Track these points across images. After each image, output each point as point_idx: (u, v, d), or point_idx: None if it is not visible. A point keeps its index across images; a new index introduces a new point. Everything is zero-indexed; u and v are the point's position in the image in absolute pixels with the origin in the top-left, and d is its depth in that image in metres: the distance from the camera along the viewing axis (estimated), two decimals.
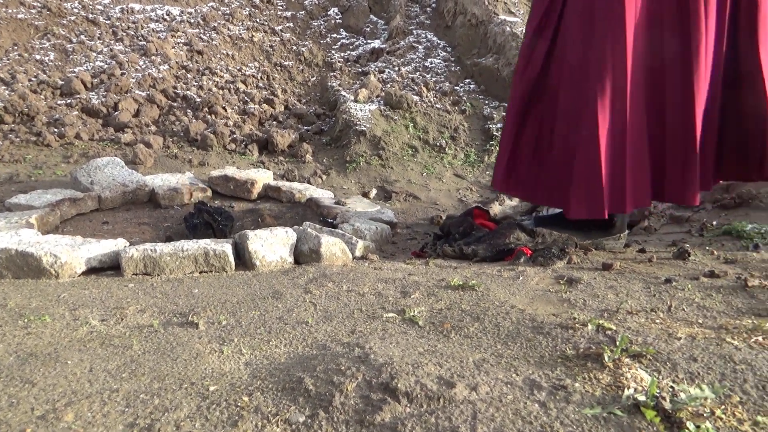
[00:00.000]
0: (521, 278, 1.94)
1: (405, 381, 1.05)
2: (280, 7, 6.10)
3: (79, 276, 2.04)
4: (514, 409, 0.98)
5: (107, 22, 5.34)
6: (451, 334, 1.40)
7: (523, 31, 2.42)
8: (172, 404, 1.03)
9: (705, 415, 0.97)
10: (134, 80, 4.55)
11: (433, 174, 3.92)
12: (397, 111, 4.38)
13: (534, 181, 2.42)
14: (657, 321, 1.47)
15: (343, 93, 4.66)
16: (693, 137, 2.21)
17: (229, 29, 5.56)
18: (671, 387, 1.06)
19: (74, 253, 2.04)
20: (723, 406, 1.01)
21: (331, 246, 2.23)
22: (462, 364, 1.16)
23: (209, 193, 3.29)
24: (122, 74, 4.61)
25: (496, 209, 3.03)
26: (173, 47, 5.13)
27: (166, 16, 5.59)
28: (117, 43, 5.09)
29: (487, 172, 4.00)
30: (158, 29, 5.39)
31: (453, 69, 5.15)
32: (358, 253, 2.36)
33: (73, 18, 5.23)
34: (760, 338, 1.31)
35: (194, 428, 0.95)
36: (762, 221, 2.82)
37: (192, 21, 5.59)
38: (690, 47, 2.16)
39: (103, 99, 4.30)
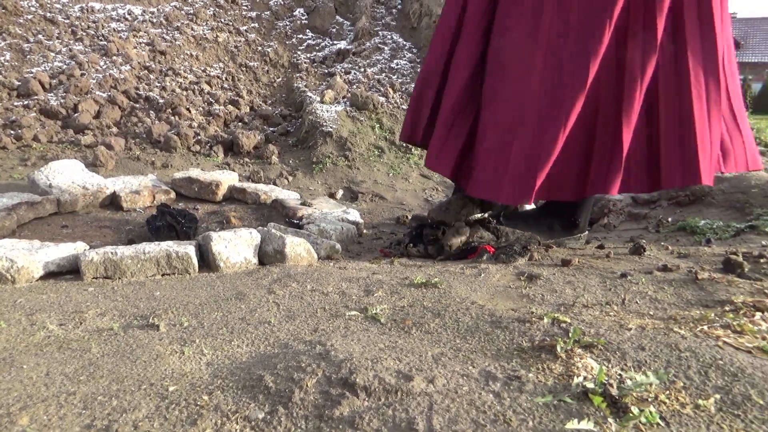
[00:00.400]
0: (483, 275, 1.98)
1: (364, 375, 1.07)
2: (245, 8, 6.06)
3: (37, 281, 2.00)
4: (469, 400, 1.01)
5: (66, 21, 5.22)
6: (412, 330, 1.42)
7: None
8: (131, 405, 1.03)
9: (649, 399, 1.02)
10: (95, 81, 4.47)
11: (400, 174, 3.95)
12: (364, 112, 4.40)
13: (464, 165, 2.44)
14: (611, 314, 1.52)
15: (309, 94, 4.66)
16: (620, 139, 2.22)
17: (192, 29, 5.50)
18: (619, 374, 1.11)
19: (31, 257, 2.00)
20: (667, 392, 1.05)
21: (296, 246, 2.23)
22: (421, 359, 1.19)
23: (173, 195, 3.26)
24: (82, 75, 4.52)
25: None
26: (135, 47, 5.05)
27: (127, 16, 5.50)
28: (76, 43, 4.98)
29: None
30: (119, 29, 5.30)
31: (419, 70, 5.20)
32: (323, 254, 2.37)
33: (30, 17, 5.10)
34: (705, 327, 1.37)
35: (153, 428, 0.95)
36: (714, 217, 2.93)
37: (154, 21, 5.51)
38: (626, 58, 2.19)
39: (62, 100, 4.21)
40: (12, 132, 3.81)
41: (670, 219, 3.01)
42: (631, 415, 0.95)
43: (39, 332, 1.44)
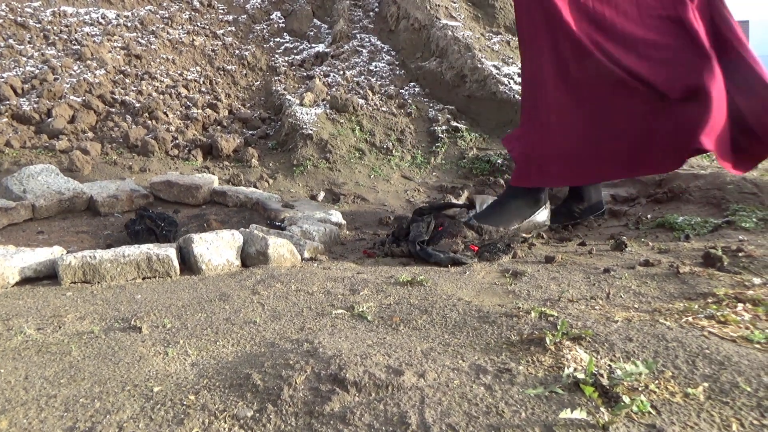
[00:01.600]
0: (468, 273, 1.98)
1: (354, 371, 1.06)
2: (221, 11, 6.01)
3: (13, 287, 1.94)
4: (461, 393, 1.01)
5: (38, 25, 5.12)
6: (400, 327, 1.41)
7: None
8: (114, 407, 1.00)
9: (640, 389, 1.02)
10: (69, 85, 4.38)
11: (381, 176, 3.94)
12: (344, 114, 4.39)
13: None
14: (596, 307, 1.53)
15: (288, 97, 4.63)
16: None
17: (168, 33, 5.44)
18: (609, 365, 1.11)
19: (6, 262, 1.94)
20: (657, 381, 1.06)
21: (279, 247, 2.21)
22: (410, 354, 1.18)
23: (151, 199, 3.20)
24: (55, 79, 4.43)
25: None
26: (110, 51, 4.97)
27: (101, 20, 5.42)
28: (49, 48, 4.89)
29: (434, 173, 4.06)
30: (93, 33, 5.21)
31: (398, 73, 5.21)
32: (306, 255, 2.35)
33: (0, 21, 4.99)
34: (690, 318, 1.39)
35: (138, 428, 0.93)
36: (692, 214, 2.98)
37: (129, 25, 5.43)
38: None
39: (35, 105, 4.12)
40: None
41: (649, 216, 3.05)
42: (622, 404, 0.95)
43: (16, 337, 1.40)
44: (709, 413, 0.96)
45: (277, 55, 5.54)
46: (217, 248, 2.14)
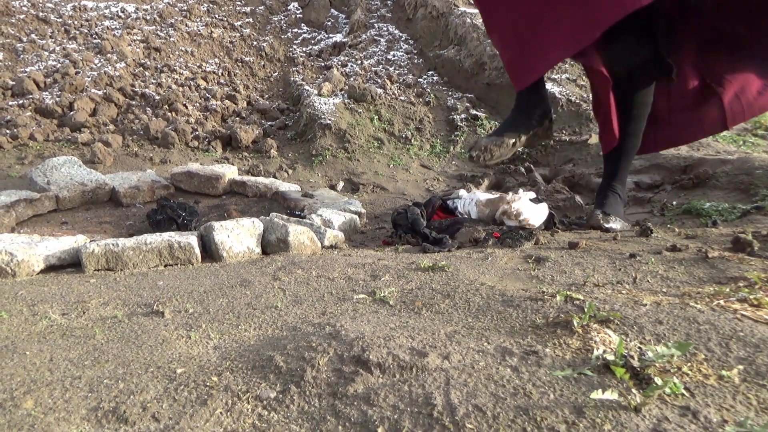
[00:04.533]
0: (490, 259, 1.95)
1: (377, 353, 1.04)
2: (239, 3, 6.02)
3: (38, 274, 1.96)
4: (487, 375, 0.99)
5: (59, 20, 5.18)
6: (423, 311, 1.40)
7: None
8: (138, 387, 1.00)
9: (672, 371, 0.99)
10: (90, 79, 4.43)
11: (400, 165, 3.92)
12: (362, 104, 4.36)
13: None
14: (623, 292, 1.50)
15: (306, 87, 4.62)
16: None
17: (187, 26, 5.46)
18: (639, 347, 1.08)
19: (31, 250, 1.96)
20: (689, 363, 1.03)
21: (300, 235, 2.20)
22: (434, 336, 1.16)
23: (172, 190, 3.22)
24: (77, 73, 4.48)
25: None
26: (129, 45, 5.01)
27: (120, 14, 5.45)
28: (70, 42, 4.94)
29: (453, 162, 4.02)
30: (113, 27, 5.25)
31: (416, 61, 5.17)
32: (327, 242, 2.34)
33: (22, 17, 5.06)
34: (722, 301, 1.35)
35: (162, 408, 0.92)
36: (719, 200, 2.91)
37: (148, 18, 5.47)
38: None
39: (57, 99, 4.16)
40: (8, 131, 3.77)
41: (674, 202, 2.98)
42: (654, 385, 0.92)
43: (41, 321, 1.41)
44: (746, 395, 0.93)
45: (294, 46, 5.53)
46: (238, 236, 2.14)
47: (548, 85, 4.28)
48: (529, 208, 2.48)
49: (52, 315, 1.46)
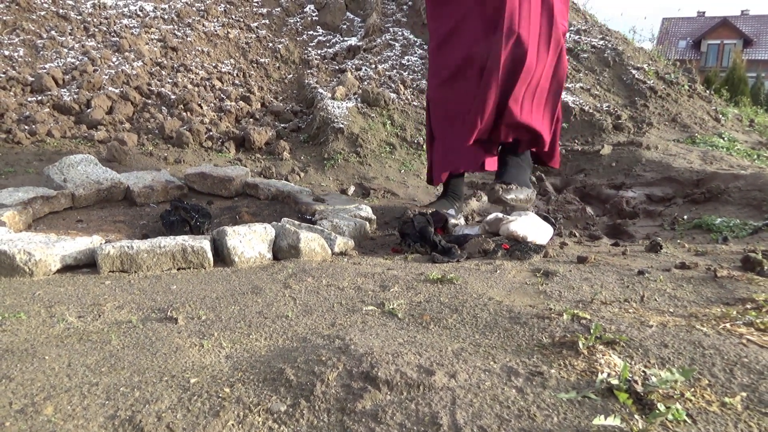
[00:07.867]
0: (498, 272, 1.97)
1: (385, 369, 1.07)
2: (256, 4, 6.06)
3: (54, 274, 2.01)
4: (492, 395, 1.01)
5: (78, 17, 5.24)
6: (430, 325, 1.42)
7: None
8: (153, 396, 1.03)
9: (675, 397, 1.01)
10: (107, 77, 4.49)
11: (411, 171, 3.94)
12: (375, 108, 4.39)
13: None
14: (630, 310, 1.51)
15: (320, 90, 4.65)
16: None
17: (204, 25, 5.51)
18: (643, 371, 1.10)
19: (48, 250, 2.01)
20: (692, 389, 1.04)
21: (310, 242, 2.23)
22: (441, 353, 1.18)
23: (185, 190, 3.26)
24: (95, 71, 4.54)
25: (473, 205, 3.07)
26: (147, 44, 5.06)
27: (139, 12, 5.52)
28: (89, 39, 5.00)
29: None
30: (131, 25, 5.31)
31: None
32: (337, 249, 2.37)
33: (42, 13, 5.13)
34: (728, 325, 1.36)
35: (176, 419, 0.95)
36: (730, 215, 2.91)
37: (166, 17, 5.52)
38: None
39: (75, 96, 4.23)
40: (26, 127, 3.83)
41: (685, 216, 2.98)
42: (657, 411, 0.94)
43: (59, 324, 1.45)
44: (747, 424, 0.95)
45: (309, 48, 5.56)
46: (250, 241, 2.17)
47: (563, 95, 4.27)
48: (534, 230, 2.48)
49: (69, 317, 1.50)
